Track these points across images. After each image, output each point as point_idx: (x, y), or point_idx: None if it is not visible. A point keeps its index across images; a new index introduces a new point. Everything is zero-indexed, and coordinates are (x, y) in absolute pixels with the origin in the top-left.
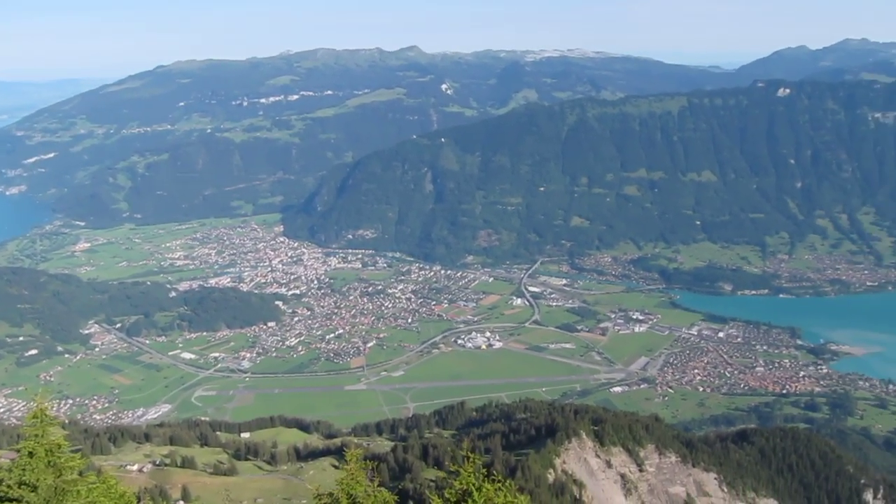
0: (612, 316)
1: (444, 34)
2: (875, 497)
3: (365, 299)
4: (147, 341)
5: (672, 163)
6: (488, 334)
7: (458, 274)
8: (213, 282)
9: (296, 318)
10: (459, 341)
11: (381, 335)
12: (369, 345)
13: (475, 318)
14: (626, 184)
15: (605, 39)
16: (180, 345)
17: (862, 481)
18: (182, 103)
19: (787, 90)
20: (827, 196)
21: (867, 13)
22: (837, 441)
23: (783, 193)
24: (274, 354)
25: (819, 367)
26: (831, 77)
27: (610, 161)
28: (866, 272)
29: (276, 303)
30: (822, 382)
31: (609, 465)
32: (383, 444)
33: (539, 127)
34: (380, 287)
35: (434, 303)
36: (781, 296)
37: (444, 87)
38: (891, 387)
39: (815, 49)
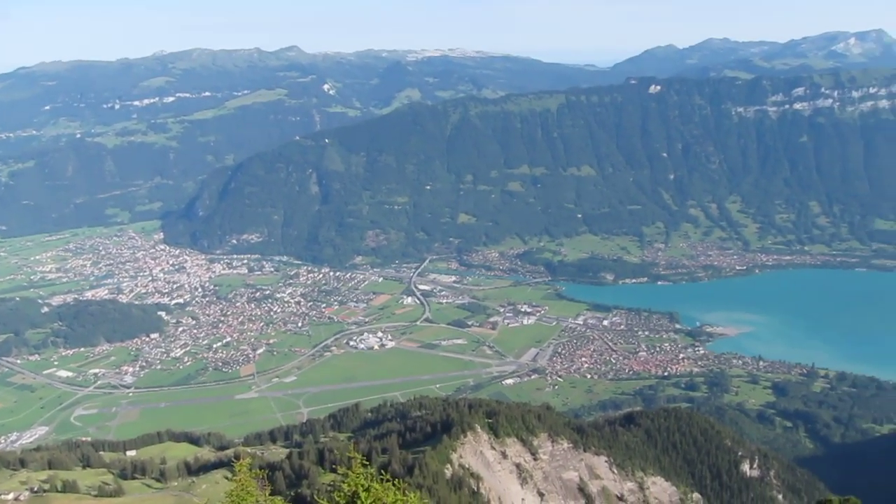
0: (502, 310)
1: (324, 34)
2: (751, 467)
3: (252, 305)
4: (18, 361)
5: (553, 158)
6: (380, 334)
7: (348, 275)
8: (89, 294)
9: (180, 329)
10: (351, 343)
11: (271, 341)
12: (259, 351)
13: (366, 319)
14: (510, 180)
15: (485, 39)
16: (56, 362)
17: (739, 453)
18: (48, 107)
19: (658, 87)
20: (697, 187)
21: (728, 15)
22: (716, 417)
23: (658, 185)
24: (159, 367)
25: (696, 348)
26: (697, 74)
27: (493, 158)
28: (735, 257)
29: (159, 313)
30: (699, 363)
31: (504, 455)
32: (278, 452)
33: (423, 126)
34: (267, 292)
35: (324, 305)
36: (660, 283)
37: (326, 87)
38: (761, 363)
39: (683, 48)
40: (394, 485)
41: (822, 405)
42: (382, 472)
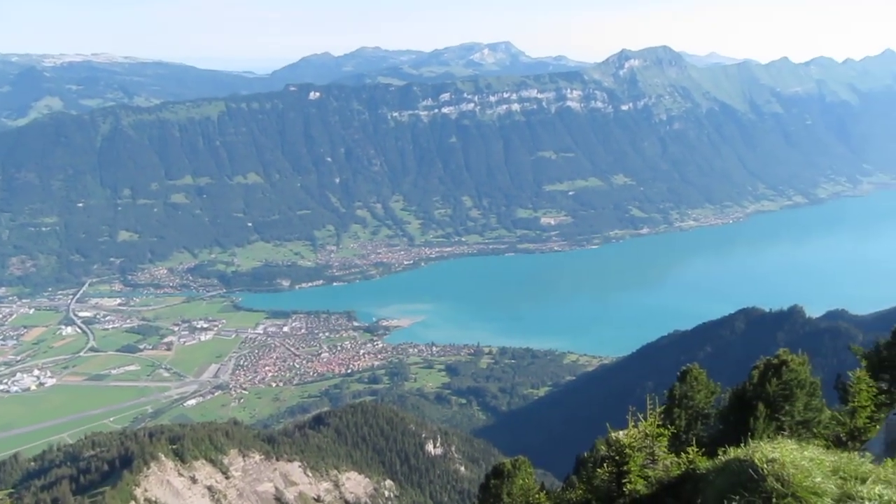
0: (176, 329)
1: None
2: (435, 446)
3: None
4: None
5: (217, 167)
6: (37, 372)
7: None
8: None
9: None
10: (2, 386)
11: None
12: None
13: (18, 357)
14: (173, 192)
15: (134, 44)
16: None
17: (423, 435)
18: None
19: (318, 94)
20: (363, 188)
21: (378, 24)
22: (399, 405)
23: (325, 189)
24: None
25: (375, 343)
26: (354, 81)
27: (153, 170)
28: (402, 252)
29: None
30: (379, 356)
31: (194, 480)
32: None
33: (69, 138)
34: None
35: None
36: (335, 284)
37: None
38: (434, 348)
39: (338, 56)
40: None
41: (489, 379)
42: None
